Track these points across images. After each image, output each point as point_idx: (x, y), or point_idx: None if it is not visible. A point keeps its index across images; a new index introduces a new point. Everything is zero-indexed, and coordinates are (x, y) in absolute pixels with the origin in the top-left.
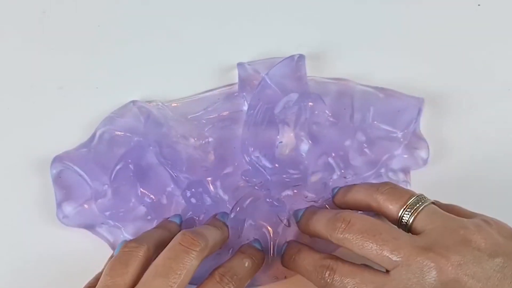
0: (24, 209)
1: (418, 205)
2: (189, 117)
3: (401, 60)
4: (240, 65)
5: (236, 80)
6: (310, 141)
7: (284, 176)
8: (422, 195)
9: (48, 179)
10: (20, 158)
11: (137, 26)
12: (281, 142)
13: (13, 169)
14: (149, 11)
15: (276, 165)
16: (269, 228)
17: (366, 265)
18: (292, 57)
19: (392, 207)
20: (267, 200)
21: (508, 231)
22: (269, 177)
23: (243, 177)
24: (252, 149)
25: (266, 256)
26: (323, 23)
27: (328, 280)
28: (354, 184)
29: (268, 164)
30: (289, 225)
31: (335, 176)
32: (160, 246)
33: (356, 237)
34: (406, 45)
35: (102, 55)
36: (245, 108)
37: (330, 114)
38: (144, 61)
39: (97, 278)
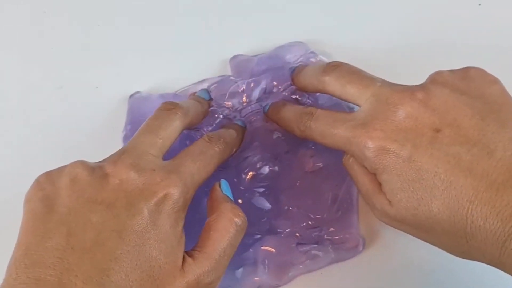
0: None
1: None
2: None
3: (400, 59)
4: (233, 58)
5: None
6: None
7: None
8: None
9: None
10: (20, 157)
11: (136, 26)
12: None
13: (13, 169)
14: (148, 10)
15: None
16: (273, 249)
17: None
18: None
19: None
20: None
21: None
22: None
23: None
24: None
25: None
26: (319, 20)
27: (307, 124)
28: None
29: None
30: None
31: None
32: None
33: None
34: (404, 44)
35: (102, 55)
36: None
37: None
38: (143, 61)
39: None
